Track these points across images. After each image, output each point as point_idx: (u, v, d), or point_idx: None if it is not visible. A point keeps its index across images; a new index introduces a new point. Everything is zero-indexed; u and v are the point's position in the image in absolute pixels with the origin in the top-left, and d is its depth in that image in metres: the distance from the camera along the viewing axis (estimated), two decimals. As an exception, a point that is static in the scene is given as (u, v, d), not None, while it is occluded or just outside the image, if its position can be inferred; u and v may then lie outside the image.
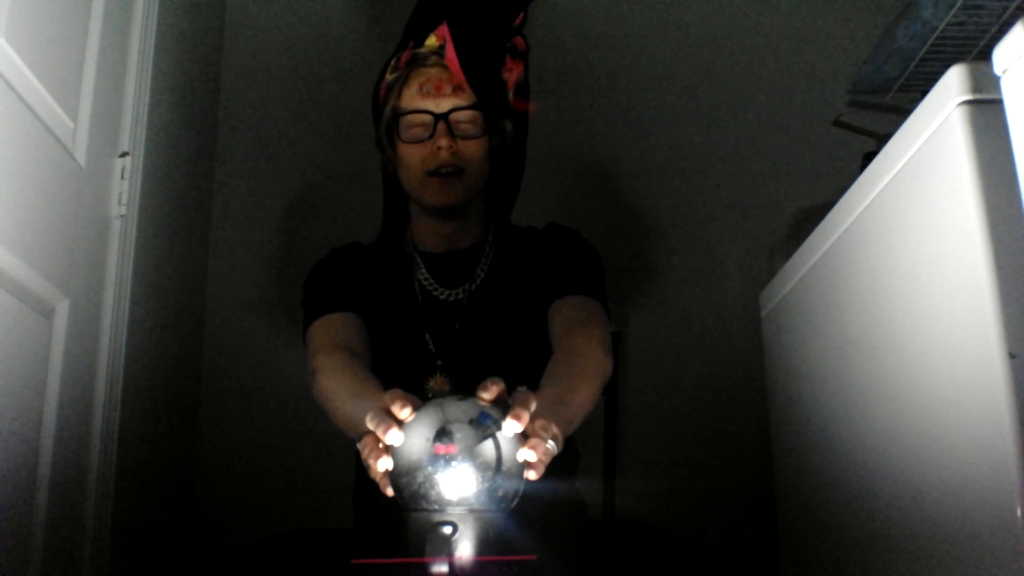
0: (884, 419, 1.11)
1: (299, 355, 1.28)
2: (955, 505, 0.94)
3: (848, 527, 1.22)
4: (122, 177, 1.39)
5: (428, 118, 1.22)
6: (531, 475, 0.84)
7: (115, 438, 1.32)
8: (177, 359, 1.68)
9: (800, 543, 1.44)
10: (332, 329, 1.22)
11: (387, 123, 1.27)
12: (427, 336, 1.25)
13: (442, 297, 1.28)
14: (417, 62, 1.26)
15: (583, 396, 1.03)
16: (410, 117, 1.23)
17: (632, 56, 2.02)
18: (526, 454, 0.83)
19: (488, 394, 0.87)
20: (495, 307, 1.27)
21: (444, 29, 1.26)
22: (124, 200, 1.38)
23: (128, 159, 1.40)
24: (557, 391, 0.99)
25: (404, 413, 0.86)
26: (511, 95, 1.32)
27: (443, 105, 1.22)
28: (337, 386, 1.09)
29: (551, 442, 0.85)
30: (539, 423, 0.85)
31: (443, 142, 1.21)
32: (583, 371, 1.07)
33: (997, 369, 0.86)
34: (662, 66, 2.02)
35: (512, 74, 1.31)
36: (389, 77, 1.29)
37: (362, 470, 1.30)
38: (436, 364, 1.23)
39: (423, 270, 1.30)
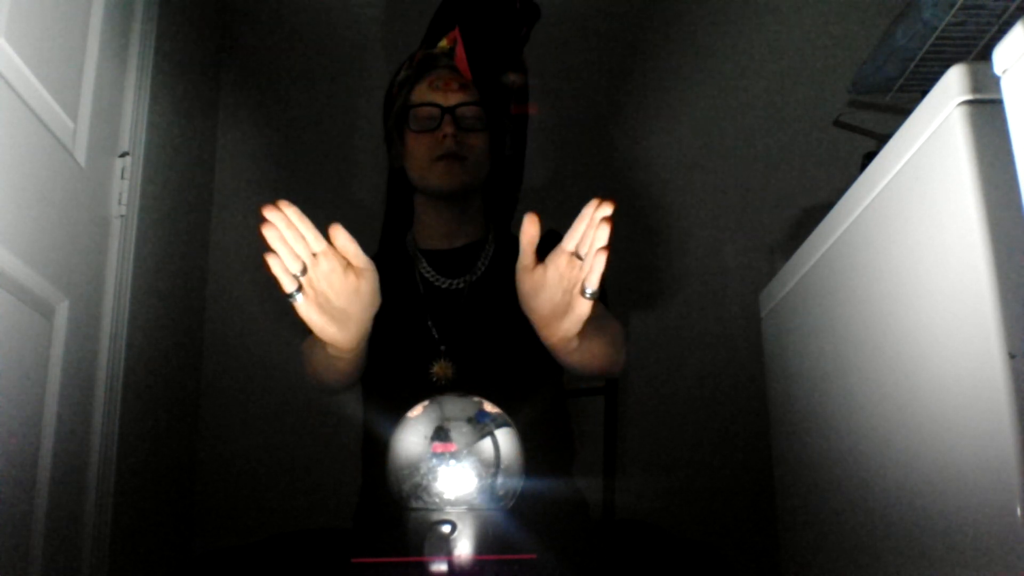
0: (884, 419, 1.11)
1: (299, 355, 1.28)
2: (955, 505, 0.94)
3: (848, 527, 1.22)
4: (122, 177, 1.39)
5: (436, 111, 1.30)
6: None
7: (115, 438, 1.32)
8: (177, 359, 1.68)
9: (800, 543, 1.44)
10: None
11: (397, 116, 1.35)
12: (430, 323, 1.28)
13: (443, 287, 1.31)
14: (429, 62, 1.36)
15: (604, 338, 1.11)
16: (420, 110, 1.32)
17: (632, 56, 2.02)
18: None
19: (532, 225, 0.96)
20: (496, 294, 1.29)
21: (456, 33, 1.36)
22: (124, 200, 1.38)
23: (128, 159, 1.40)
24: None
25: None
26: (512, 103, 1.40)
27: (450, 99, 1.31)
28: (310, 346, 1.17)
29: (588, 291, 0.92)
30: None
31: (448, 130, 1.29)
32: (608, 334, 1.14)
33: (997, 369, 0.86)
34: (662, 66, 2.02)
35: (513, 84, 1.41)
36: (402, 75, 1.37)
37: (369, 473, 1.31)
38: (440, 350, 1.26)
39: (425, 264, 1.34)
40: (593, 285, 0.92)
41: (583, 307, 0.94)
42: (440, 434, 0.83)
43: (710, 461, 1.79)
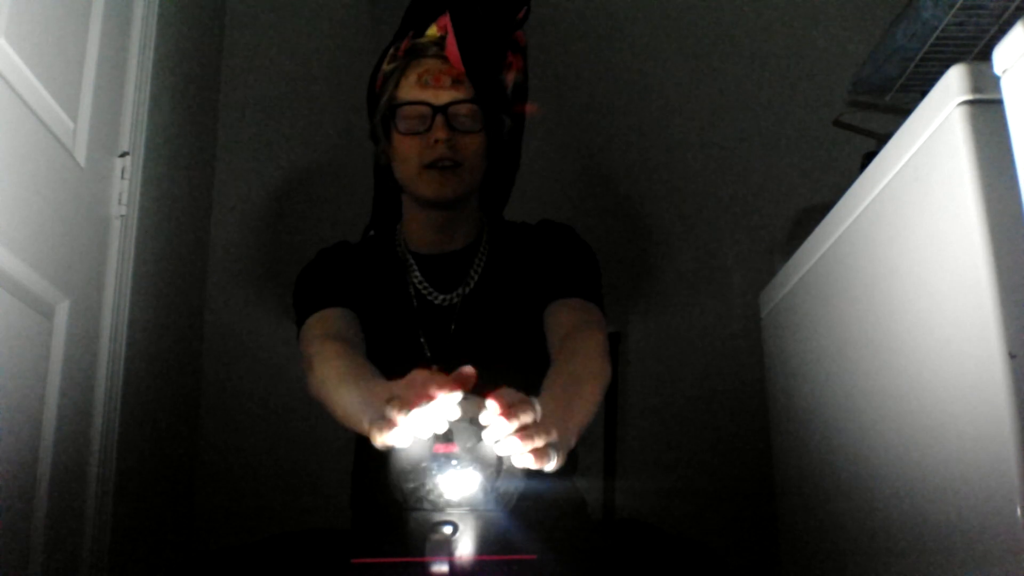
0: (884, 419, 1.11)
1: (299, 355, 1.27)
2: (955, 505, 0.94)
3: (848, 527, 1.22)
4: (122, 177, 1.39)
5: (426, 110, 1.20)
6: (524, 459, 0.82)
7: (115, 438, 1.32)
8: (177, 359, 1.68)
9: (800, 543, 1.44)
10: (324, 322, 1.21)
11: (383, 113, 1.25)
12: (422, 340, 1.24)
13: (436, 301, 1.27)
14: (416, 52, 1.24)
15: (586, 407, 1.02)
16: (408, 108, 1.21)
17: (632, 55, 2.02)
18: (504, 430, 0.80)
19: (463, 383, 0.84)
20: (489, 310, 1.26)
21: (445, 20, 1.24)
22: (124, 200, 1.38)
23: (128, 159, 1.39)
24: (561, 402, 0.97)
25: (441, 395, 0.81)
26: (509, 91, 1.30)
27: (442, 97, 1.20)
28: (333, 374, 1.07)
29: (552, 452, 0.83)
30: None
31: (440, 135, 1.19)
32: (586, 380, 1.06)
33: (997, 369, 0.86)
34: (662, 65, 2.02)
35: (511, 69, 1.30)
36: (387, 67, 1.26)
37: (360, 472, 1.31)
38: (431, 368, 1.22)
39: (417, 273, 1.29)
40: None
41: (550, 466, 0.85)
42: (441, 435, 0.83)
43: (710, 461, 1.79)
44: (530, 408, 0.83)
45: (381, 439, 0.81)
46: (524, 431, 0.81)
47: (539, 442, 0.82)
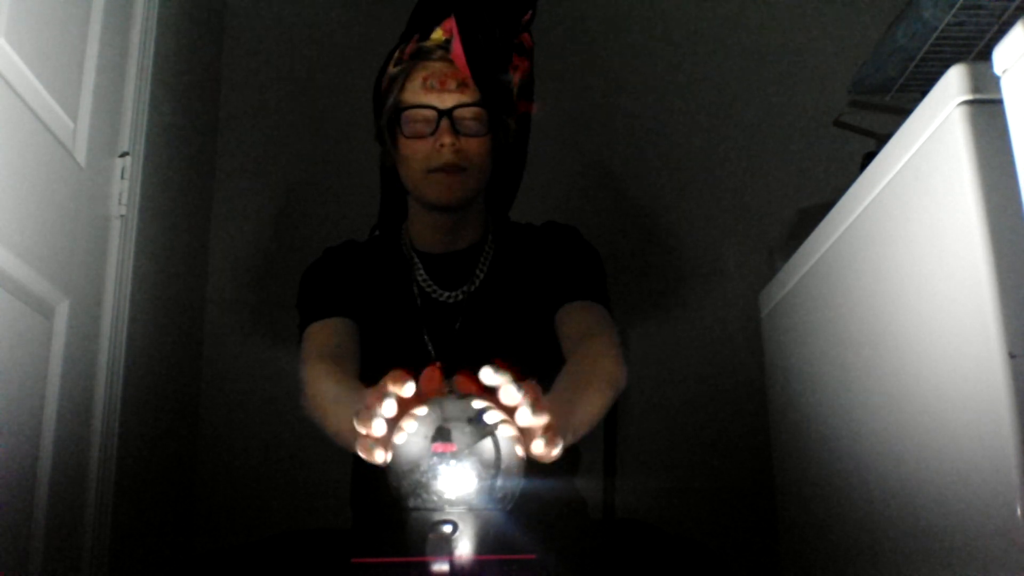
0: (884, 419, 1.11)
1: (298, 355, 1.27)
2: (955, 505, 0.94)
3: (848, 527, 1.22)
4: (122, 177, 1.39)
5: (431, 114, 1.20)
6: (536, 448, 0.80)
7: (115, 438, 1.32)
8: (177, 359, 1.68)
9: (800, 543, 1.44)
10: (322, 338, 1.22)
11: (388, 117, 1.25)
12: (426, 338, 1.24)
13: (441, 299, 1.27)
14: (422, 55, 1.24)
15: (592, 405, 1.02)
16: (413, 112, 1.21)
17: (633, 56, 2.02)
18: (523, 417, 0.78)
19: (491, 379, 0.80)
20: (494, 308, 1.26)
21: (451, 23, 1.23)
22: (124, 200, 1.38)
23: (128, 159, 1.40)
24: (567, 396, 0.98)
25: (404, 390, 0.79)
26: (515, 92, 1.29)
27: (447, 101, 1.20)
28: (322, 395, 1.09)
29: (558, 436, 0.82)
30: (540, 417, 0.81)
31: (446, 139, 1.19)
32: (595, 379, 1.06)
33: (997, 369, 0.86)
34: (663, 66, 2.02)
35: (517, 71, 1.29)
36: (392, 69, 1.26)
37: (359, 470, 1.31)
38: (434, 365, 1.22)
39: (421, 271, 1.29)
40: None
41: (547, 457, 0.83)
42: (440, 434, 0.83)
43: (710, 461, 1.79)
44: (534, 388, 0.82)
45: (368, 456, 0.81)
46: (532, 406, 0.79)
47: (546, 416, 0.80)
